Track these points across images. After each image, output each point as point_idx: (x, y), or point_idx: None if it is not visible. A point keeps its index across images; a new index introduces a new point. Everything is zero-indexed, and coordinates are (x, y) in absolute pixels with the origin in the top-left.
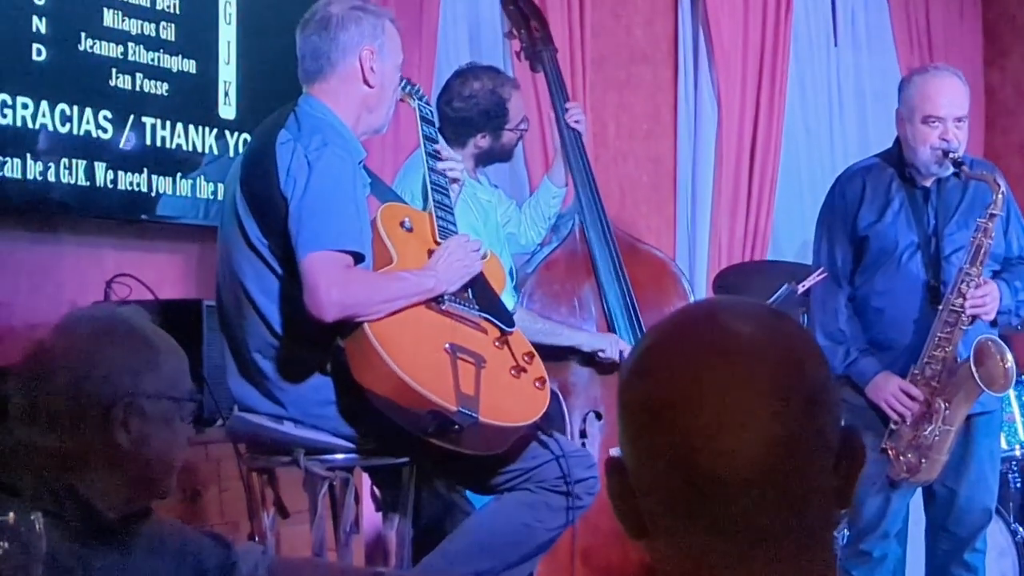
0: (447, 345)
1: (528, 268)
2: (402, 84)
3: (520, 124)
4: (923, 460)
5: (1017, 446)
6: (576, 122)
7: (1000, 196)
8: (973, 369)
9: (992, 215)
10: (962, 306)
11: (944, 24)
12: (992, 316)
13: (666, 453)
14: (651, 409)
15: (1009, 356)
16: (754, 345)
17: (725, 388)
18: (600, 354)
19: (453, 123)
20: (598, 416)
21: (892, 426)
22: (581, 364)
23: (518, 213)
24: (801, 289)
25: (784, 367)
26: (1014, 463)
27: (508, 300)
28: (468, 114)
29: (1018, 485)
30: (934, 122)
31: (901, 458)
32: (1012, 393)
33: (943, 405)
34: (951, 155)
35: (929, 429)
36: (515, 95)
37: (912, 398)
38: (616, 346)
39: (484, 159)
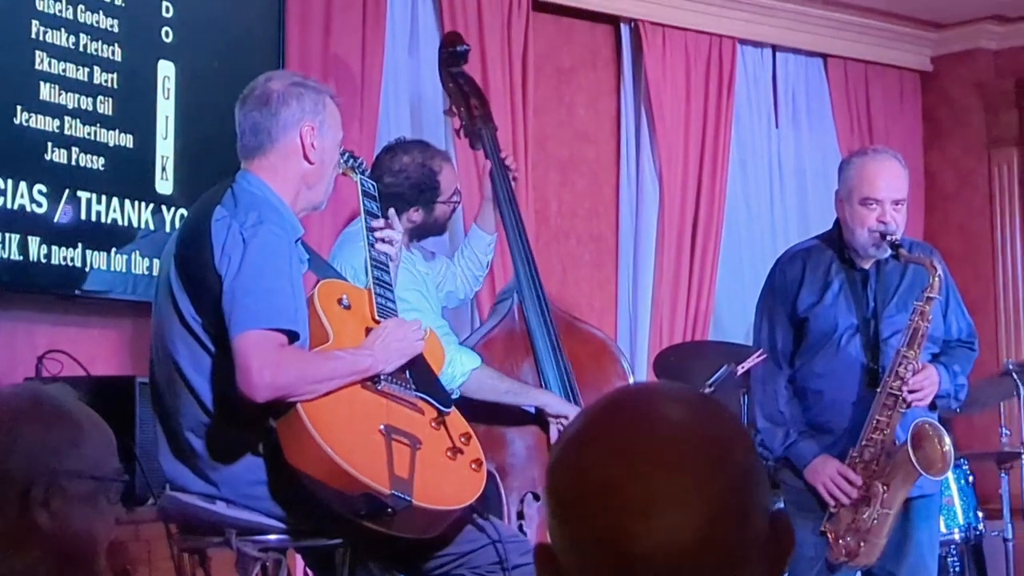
0: (382, 426)
1: (467, 346)
2: (345, 158)
3: (453, 196)
4: (862, 544)
5: (956, 529)
6: (515, 179)
7: (937, 279)
8: (911, 453)
9: (929, 298)
10: (900, 389)
11: (884, 107)
12: (929, 401)
13: (596, 536)
14: (580, 492)
15: (947, 440)
16: (683, 429)
17: (654, 470)
18: (562, 421)
19: (384, 198)
20: (536, 497)
21: (831, 509)
22: (540, 427)
23: (452, 266)
24: (741, 370)
25: (712, 451)
26: (952, 547)
27: (469, 359)
28: (399, 189)
29: (957, 569)
30: (872, 204)
31: (840, 541)
32: (951, 476)
33: (882, 488)
34: (889, 237)
35: (868, 512)
36: (446, 167)
37: (850, 482)
38: None
39: (418, 233)
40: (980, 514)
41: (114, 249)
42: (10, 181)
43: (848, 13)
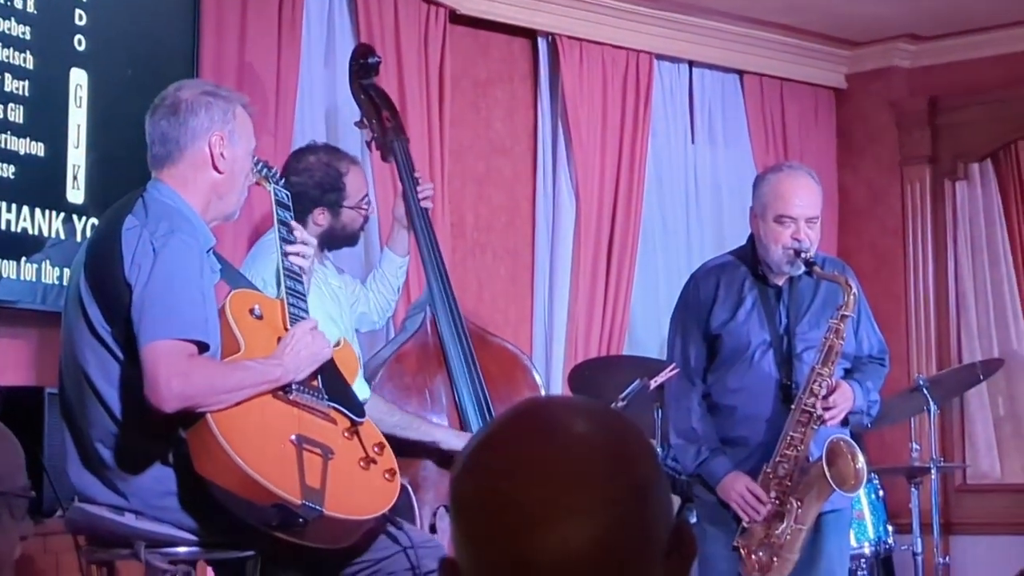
0: (293, 436)
1: (378, 360)
2: (258, 167)
3: (362, 202)
4: (775, 559)
5: (866, 543)
6: (425, 198)
7: (852, 297)
8: (825, 469)
9: (844, 316)
10: (814, 406)
11: (799, 123)
12: (841, 417)
13: (494, 544)
14: (480, 500)
15: (860, 456)
16: (585, 440)
17: (553, 479)
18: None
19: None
20: (448, 510)
21: (744, 524)
22: (434, 461)
23: (365, 290)
24: (653, 385)
25: (613, 460)
26: (863, 560)
27: (360, 390)
28: (303, 188)
29: None
30: (787, 221)
31: (753, 556)
32: (862, 491)
33: (796, 504)
34: (803, 255)
35: (781, 528)
36: (353, 170)
37: (759, 499)
38: None
39: (328, 240)
40: (890, 528)
41: (24, 258)
42: None
43: (764, 30)
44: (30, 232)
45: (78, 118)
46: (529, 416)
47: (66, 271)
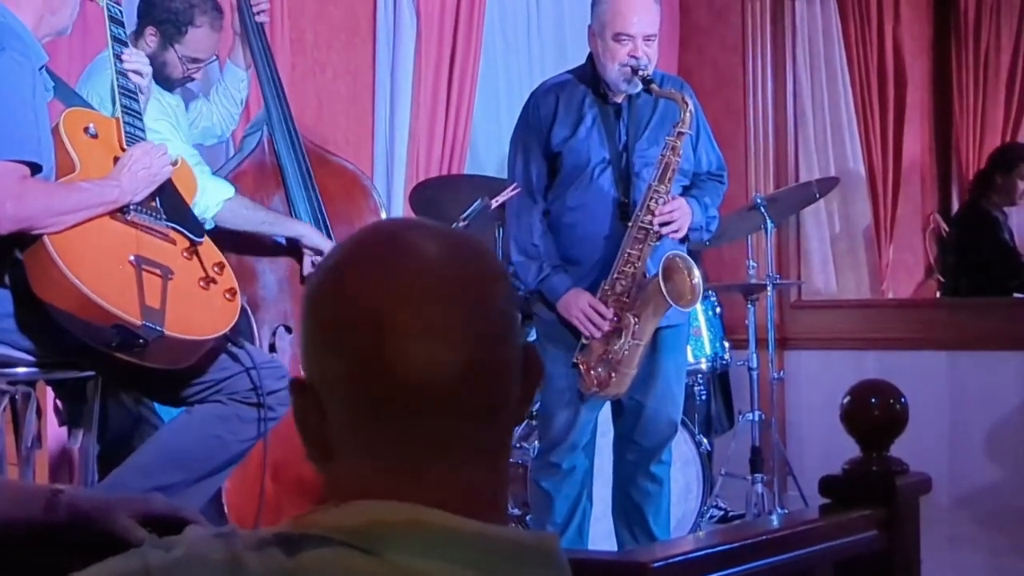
0: (132, 257)
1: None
2: None
3: (193, 63)
4: (613, 374)
5: (703, 359)
6: (260, 12)
7: (688, 114)
8: (661, 284)
9: (680, 133)
10: (650, 223)
11: None
12: (682, 233)
13: (360, 365)
14: (348, 320)
15: (696, 272)
16: (449, 263)
17: (424, 300)
18: (316, 257)
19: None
20: (288, 330)
21: (583, 341)
22: (274, 274)
23: (208, 103)
24: (495, 204)
25: (478, 287)
26: (699, 376)
27: (224, 190)
28: (149, 1)
29: (703, 398)
30: (624, 39)
31: (591, 372)
32: (699, 307)
33: (633, 320)
34: (640, 72)
35: (619, 344)
36: (205, 28)
37: (601, 315)
38: None
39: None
40: (727, 344)
41: None
42: None
43: None
44: None
45: None
46: (387, 236)
47: None
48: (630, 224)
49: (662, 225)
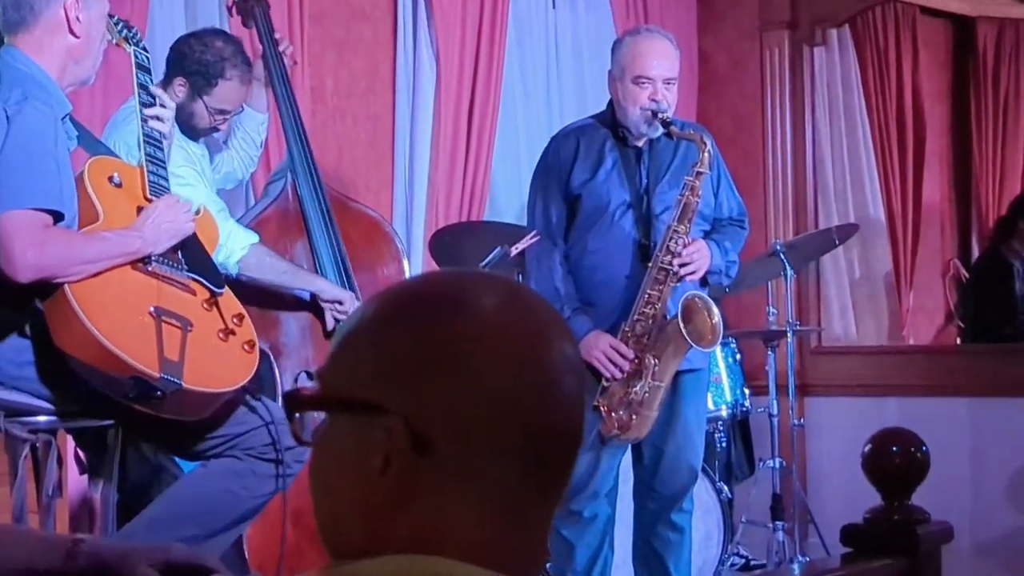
0: (152, 308)
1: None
2: (119, 27)
3: (218, 114)
4: (634, 417)
5: (723, 406)
6: (284, 51)
7: (707, 154)
8: (681, 325)
9: (699, 173)
10: (671, 263)
11: None
12: (701, 274)
13: (505, 403)
14: (486, 358)
15: (716, 311)
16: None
17: (574, 367)
18: (337, 307)
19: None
20: (310, 376)
21: (604, 383)
22: (296, 322)
23: (227, 148)
24: (515, 251)
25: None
26: (720, 423)
27: (247, 237)
28: (186, 53)
29: (723, 444)
30: (644, 82)
31: (613, 415)
32: (719, 354)
33: (653, 361)
34: (660, 115)
35: (640, 386)
36: (236, 81)
37: (622, 356)
38: (353, 302)
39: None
40: (747, 391)
41: None
42: None
43: None
44: None
45: None
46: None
47: None
48: (650, 265)
49: (681, 266)
